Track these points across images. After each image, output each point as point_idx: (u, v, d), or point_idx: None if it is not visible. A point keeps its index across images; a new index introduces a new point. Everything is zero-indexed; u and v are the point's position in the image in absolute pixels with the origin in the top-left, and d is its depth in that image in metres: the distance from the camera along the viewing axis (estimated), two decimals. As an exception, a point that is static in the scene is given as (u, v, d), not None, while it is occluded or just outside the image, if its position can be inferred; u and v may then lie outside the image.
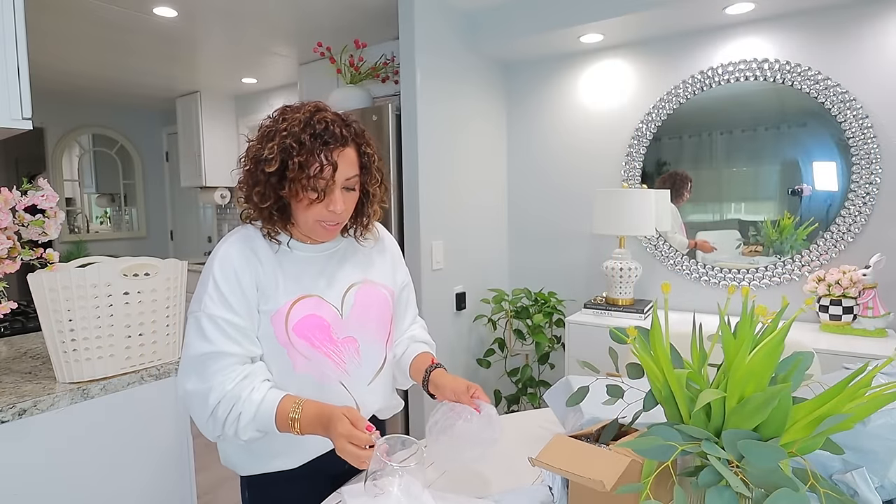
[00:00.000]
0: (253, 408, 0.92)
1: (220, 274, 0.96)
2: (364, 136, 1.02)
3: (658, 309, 2.23)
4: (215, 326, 0.94)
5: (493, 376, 2.84)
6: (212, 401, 0.92)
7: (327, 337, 1.01)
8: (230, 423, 0.92)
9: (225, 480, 2.55)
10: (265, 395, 0.93)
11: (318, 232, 1.00)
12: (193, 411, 0.95)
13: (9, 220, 1.20)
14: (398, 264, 1.21)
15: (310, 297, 1.01)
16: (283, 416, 0.92)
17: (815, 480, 0.60)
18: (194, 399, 0.94)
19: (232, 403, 0.91)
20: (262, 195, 0.96)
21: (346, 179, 0.97)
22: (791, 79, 2.14)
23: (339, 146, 0.95)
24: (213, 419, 0.93)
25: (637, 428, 0.88)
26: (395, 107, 2.40)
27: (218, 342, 0.94)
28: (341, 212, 0.97)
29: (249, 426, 0.92)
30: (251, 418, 0.92)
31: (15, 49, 1.23)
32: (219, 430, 0.93)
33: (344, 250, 1.10)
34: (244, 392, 0.92)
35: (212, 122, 4.24)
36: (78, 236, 4.65)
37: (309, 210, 0.97)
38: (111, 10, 2.51)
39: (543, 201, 2.84)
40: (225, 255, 0.98)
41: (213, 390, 0.92)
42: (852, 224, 2.08)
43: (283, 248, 1.03)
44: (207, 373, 0.93)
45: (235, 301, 0.96)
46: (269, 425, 0.92)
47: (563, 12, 2.31)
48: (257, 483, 1.07)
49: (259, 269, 0.99)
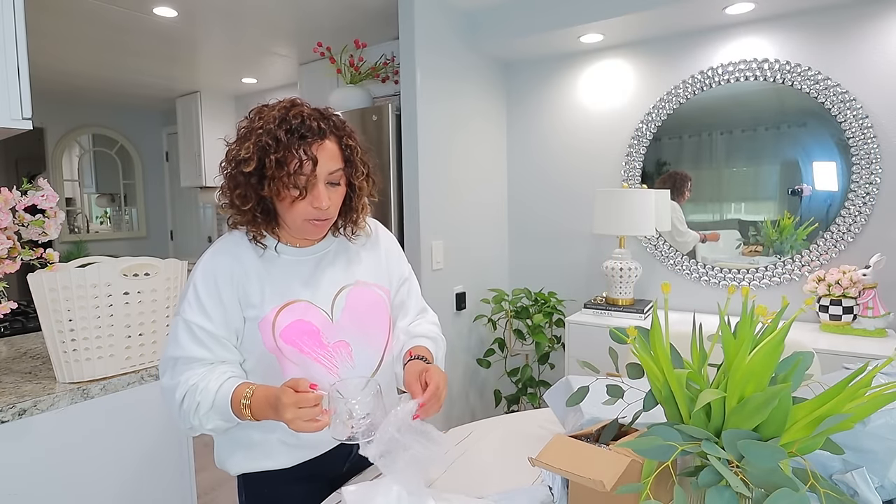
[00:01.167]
0: (210, 396, 0.92)
1: (201, 281, 0.97)
2: (345, 128, 1.00)
3: (658, 309, 2.23)
4: (188, 332, 0.96)
5: (493, 376, 2.84)
6: (178, 395, 0.94)
7: (317, 342, 0.99)
8: (192, 413, 0.93)
9: (225, 480, 2.55)
10: (222, 384, 0.94)
11: (308, 230, 0.99)
12: (167, 407, 0.98)
13: (9, 220, 1.20)
14: (394, 260, 1.16)
15: (297, 303, 0.99)
16: (237, 403, 0.91)
17: (815, 480, 0.60)
18: (166, 395, 0.97)
19: (193, 395, 0.93)
20: (243, 197, 0.95)
21: (328, 174, 0.95)
22: (791, 79, 2.14)
23: (318, 139, 0.93)
24: (180, 412, 0.95)
25: (637, 428, 0.88)
26: (395, 107, 2.40)
27: (188, 348, 0.95)
28: (327, 207, 0.95)
29: (210, 415, 0.93)
30: (209, 406, 0.92)
31: (15, 49, 1.23)
32: (187, 422, 0.94)
33: (335, 252, 1.08)
34: (202, 382, 0.94)
35: (212, 122, 4.24)
36: (78, 236, 4.65)
37: (294, 209, 0.95)
38: (111, 10, 2.51)
39: (543, 201, 2.84)
40: (207, 263, 0.98)
41: (179, 385, 0.94)
42: (852, 224, 2.08)
43: (271, 252, 1.01)
44: (176, 372, 0.96)
45: (212, 308, 0.96)
46: (227, 412, 0.92)
47: (563, 12, 2.31)
48: (253, 483, 1.06)
49: (242, 277, 0.98)
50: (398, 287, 1.16)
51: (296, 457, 1.03)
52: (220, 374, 0.96)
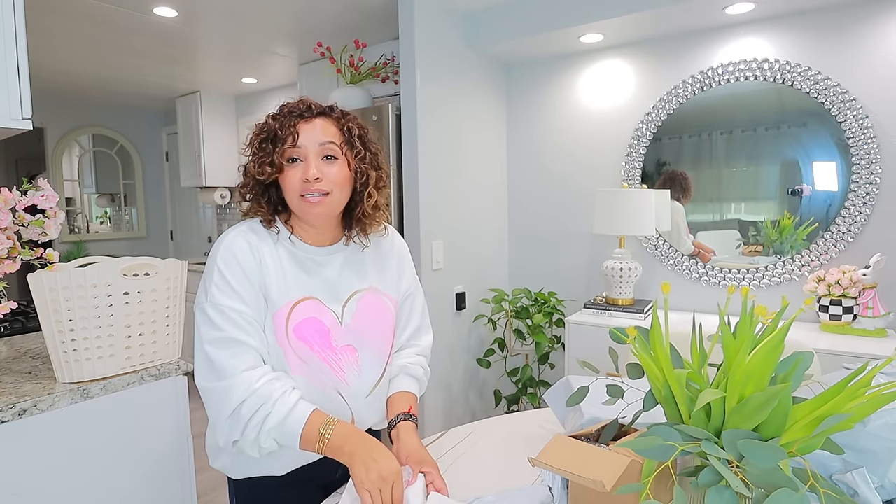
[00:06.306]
0: (283, 411, 0.87)
1: (224, 263, 0.93)
2: (347, 115, 1.03)
3: (658, 309, 2.23)
4: (222, 315, 0.91)
5: (493, 376, 2.84)
6: (236, 397, 0.86)
7: (326, 343, 0.98)
8: (254, 424, 0.86)
9: (225, 481, 2.55)
10: (297, 402, 0.89)
11: (304, 208, 0.96)
12: (212, 408, 0.90)
13: (9, 220, 1.19)
14: (404, 271, 1.15)
15: (311, 300, 0.99)
16: (313, 431, 0.87)
17: (815, 480, 0.60)
18: (214, 395, 0.89)
19: (261, 403, 0.86)
20: (247, 186, 1.00)
21: (319, 145, 0.96)
22: (791, 79, 2.14)
23: (306, 116, 0.98)
24: (234, 418, 0.87)
25: (637, 428, 0.88)
26: (395, 107, 2.40)
27: (227, 329, 0.90)
28: (316, 177, 0.94)
29: (273, 431, 0.87)
30: (278, 422, 0.87)
31: (15, 49, 1.22)
32: (238, 431, 0.87)
33: (350, 255, 1.07)
34: (276, 393, 0.87)
35: (212, 122, 4.24)
36: (78, 236, 4.64)
37: (287, 183, 0.96)
38: (111, 10, 2.51)
39: (543, 201, 2.84)
40: (229, 245, 0.95)
41: (237, 387, 0.87)
42: (852, 224, 2.08)
43: (286, 242, 1.00)
44: (225, 364, 0.88)
45: (242, 289, 0.92)
46: (295, 437, 0.88)
47: (563, 12, 2.31)
48: (246, 488, 1.05)
49: (261, 264, 0.96)
50: (403, 300, 1.15)
51: (289, 463, 1.01)
52: (290, 387, 0.91)
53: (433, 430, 2.43)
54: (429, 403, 2.43)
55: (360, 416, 1.03)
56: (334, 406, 0.99)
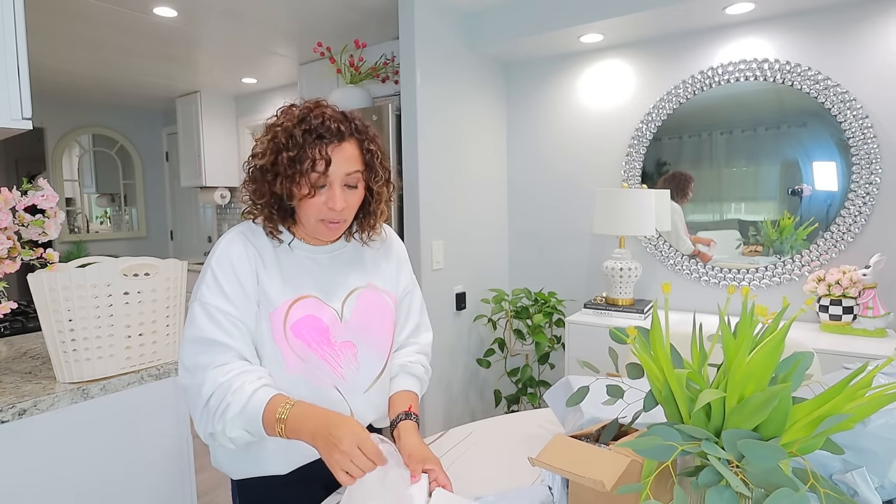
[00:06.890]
0: (242, 399, 0.87)
1: (217, 264, 0.95)
2: (367, 132, 1.00)
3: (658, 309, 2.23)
4: (206, 314, 0.92)
5: (493, 376, 2.84)
6: (204, 392, 0.89)
7: (325, 340, 0.99)
8: (219, 414, 0.88)
9: (225, 481, 2.55)
10: (257, 389, 0.89)
11: (321, 231, 0.99)
12: (189, 404, 0.92)
13: (9, 220, 1.20)
14: (402, 269, 1.17)
15: (310, 298, 0.99)
16: (271, 414, 0.87)
17: (815, 480, 0.60)
18: (190, 393, 0.91)
19: (223, 394, 0.88)
20: (257, 192, 0.97)
21: (345, 175, 0.95)
22: (791, 79, 2.14)
23: (336, 141, 0.94)
24: (205, 411, 0.89)
25: (637, 428, 0.88)
26: (395, 107, 2.40)
27: (207, 329, 0.91)
28: (342, 209, 0.95)
29: (237, 420, 0.88)
30: (239, 410, 0.87)
31: (15, 49, 1.23)
32: (210, 424, 0.89)
33: (349, 253, 1.08)
34: (236, 383, 0.88)
35: (212, 122, 4.24)
36: (78, 236, 4.65)
37: (309, 208, 0.95)
38: (111, 10, 2.51)
39: (543, 201, 2.84)
40: (226, 247, 0.97)
41: (206, 381, 0.89)
42: (852, 224, 2.08)
43: (285, 246, 1.02)
44: (197, 361, 0.90)
45: (231, 290, 0.94)
46: (257, 422, 0.88)
47: (563, 12, 2.31)
48: (248, 488, 1.05)
49: (259, 263, 0.97)
50: (402, 297, 1.16)
51: (291, 462, 1.02)
52: (255, 377, 0.91)
53: (433, 430, 2.43)
54: (429, 403, 2.43)
55: (358, 412, 1.04)
56: (332, 403, 0.99)
